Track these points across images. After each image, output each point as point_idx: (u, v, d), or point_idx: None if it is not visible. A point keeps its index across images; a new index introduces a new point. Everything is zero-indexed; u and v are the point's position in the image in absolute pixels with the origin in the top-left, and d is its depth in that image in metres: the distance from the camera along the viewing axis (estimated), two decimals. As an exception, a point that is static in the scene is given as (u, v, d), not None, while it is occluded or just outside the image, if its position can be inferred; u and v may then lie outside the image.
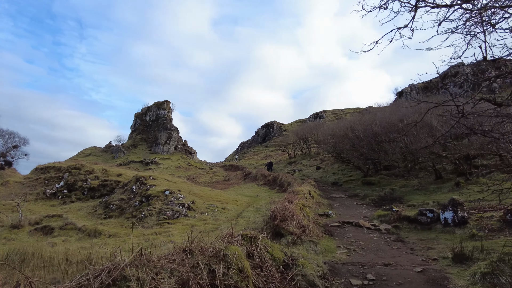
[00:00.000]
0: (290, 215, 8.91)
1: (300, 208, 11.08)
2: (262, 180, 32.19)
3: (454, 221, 8.65)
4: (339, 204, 16.21)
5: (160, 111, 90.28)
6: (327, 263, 5.85)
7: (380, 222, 11.17)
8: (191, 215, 14.32)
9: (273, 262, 5.07)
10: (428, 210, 9.87)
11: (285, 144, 52.91)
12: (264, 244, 5.27)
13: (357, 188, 21.16)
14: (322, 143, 34.02)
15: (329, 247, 8.12)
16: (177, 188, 16.65)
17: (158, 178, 18.42)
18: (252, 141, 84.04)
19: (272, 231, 8.47)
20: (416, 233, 9.35)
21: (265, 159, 56.15)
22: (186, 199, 15.34)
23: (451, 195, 13.38)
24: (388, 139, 21.53)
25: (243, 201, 18.20)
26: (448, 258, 5.60)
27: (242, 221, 13.20)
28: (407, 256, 7.17)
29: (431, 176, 19.33)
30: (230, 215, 14.58)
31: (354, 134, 25.84)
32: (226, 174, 45.94)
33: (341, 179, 25.89)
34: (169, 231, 12.48)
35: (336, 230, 10.19)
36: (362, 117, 31.62)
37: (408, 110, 26.15)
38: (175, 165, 69.59)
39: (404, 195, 16.99)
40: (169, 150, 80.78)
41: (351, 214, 13.50)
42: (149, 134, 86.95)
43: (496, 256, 4.84)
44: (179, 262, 3.44)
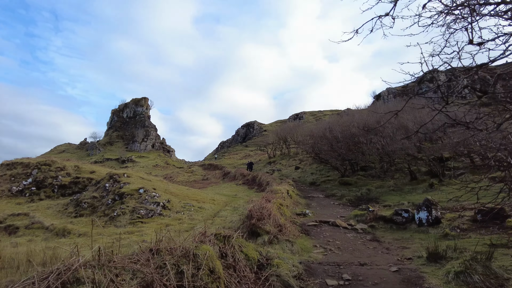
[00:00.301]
0: (267, 214, 8.75)
1: (278, 207, 10.95)
2: (241, 179, 31.97)
3: (428, 221, 8.76)
4: (317, 204, 16.23)
5: (138, 108, 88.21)
6: (303, 262, 5.71)
7: (357, 221, 11.22)
8: (166, 214, 13.91)
9: (247, 262, 4.87)
10: (403, 210, 9.97)
11: (265, 144, 52.92)
12: (239, 244, 5.06)
13: (335, 188, 21.33)
14: (301, 144, 34.21)
15: (306, 247, 8.02)
16: (152, 187, 16.15)
17: (132, 176, 17.82)
18: (232, 141, 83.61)
19: (249, 230, 8.27)
20: (391, 233, 9.42)
21: (244, 159, 55.93)
22: (161, 198, 14.89)
23: (425, 195, 13.67)
24: (365, 140, 21.86)
25: (220, 200, 17.91)
26: (423, 257, 5.60)
27: (218, 221, 12.93)
28: (383, 255, 7.16)
29: (406, 177, 19.75)
30: (206, 214, 14.27)
31: (332, 135, 26.09)
32: (204, 173, 45.38)
33: (319, 179, 26.06)
34: (143, 231, 12.04)
35: (313, 230, 10.12)
36: (340, 119, 32.03)
37: (385, 111, 26.67)
38: (152, 163, 68.20)
39: (380, 195, 17.24)
40: (146, 148, 79.03)
41: (328, 213, 13.52)
42: (126, 131, 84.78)
43: (468, 255, 4.85)
44: (144, 263, 3.18)
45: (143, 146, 79.27)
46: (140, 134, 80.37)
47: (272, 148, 49.45)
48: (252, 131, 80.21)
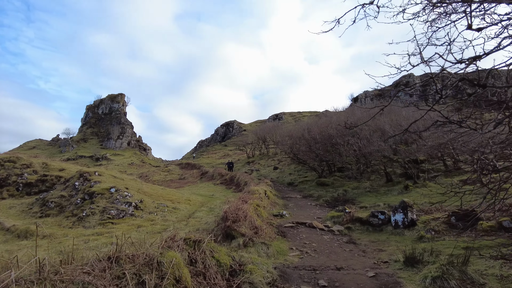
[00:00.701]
0: (243, 216, 8.48)
1: (255, 209, 10.70)
2: (219, 179, 31.54)
3: (404, 223, 8.77)
4: (294, 205, 16.12)
5: (114, 104, 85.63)
6: (277, 268, 5.47)
7: (333, 223, 11.15)
8: (138, 214, 13.34)
9: (219, 268, 4.57)
10: (379, 212, 9.97)
11: (244, 143, 52.64)
12: (210, 249, 4.75)
13: (312, 188, 21.35)
14: (280, 144, 34.17)
15: (282, 249, 7.81)
16: (125, 186, 15.48)
17: (104, 174, 17.04)
18: (211, 140, 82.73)
19: (223, 233, 7.97)
20: (368, 235, 9.37)
21: (223, 158, 55.39)
22: (134, 198, 14.29)
23: (401, 197, 13.84)
24: (343, 141, 22.01)
25: (196, 200, 17.46)
26: (400, 262, 5.50)
27: (193, 222, 12.53)
28: (359, 258, 7.05)
29: (382, 179, 20.02)
30: (181, 215, 13.82)
31: (311, 135, 26.16)
32: (181, 172, 44.53)
33: (297, 180, 26.06)
34: (113, 232, 11.45)
35: (289, 231, 9.94)
36: (318, 120, 32.24)
37: (363, 114, 27.06)
38: (128, 161, 66.37)
39: (356, 196, 17.36)
40: (121, 146, 76.80)
41: (305, 214, 13.41)
42: (101, 128, 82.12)
43: (445, 259, 4.77)
44: (98, 274, 2.82)
45: (119, 143, 77.00)
46: (115, 131, 77.98)
47: (251, 148, 49.25)
48: (232, 131, 79.69)
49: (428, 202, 10.98)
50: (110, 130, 78.08)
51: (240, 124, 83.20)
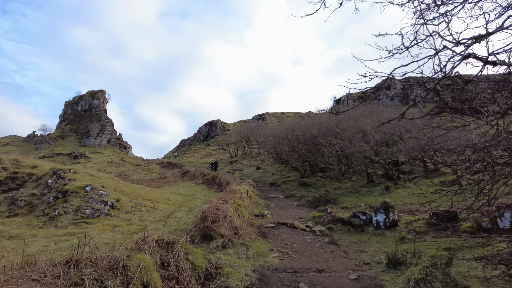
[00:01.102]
0: (222, 216, 8.18)
1: (235, 209, 10.43)
2: (201, 178, 31.03)
3: (386, 223, 8.71)
4: (276, 205, 15.94)
5: (94, 100, 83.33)
6: (256, 270, 5.22)
7: (315, 223, 11.02)
8: (114, 214, 12.80)
9: (193, 271, 4.27)
10: (361, 213, 9.89)
11: (227, 143, 52.22)
12: (185, 251, 4.44)
13: (294, 189, 21.25)
14: (263, 144, 33.99)
15: (262, 251, 7.57)
16: (101, 184, 14.86)
17: (79, 172, 16.32)
18: (194, 139, 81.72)
19: (201, 234, 7.66)
20: (349, 235, 9.27)
21: (206, 158, 54.77)
22: (110, 197, 13.71)
23: (382, 198, 13.89)
24: (325, 142, 22.03)
25: (176, 200, 16.99)
26: (382, 263, 5.36)
27: (172, 222, 12.12)
28: (341, 260, 6.90)
29: (363, 179, 20.14)
30: (159, 215, 13.37)
31: (294, 136, 26.11)
32: (162, 171, 43.67)
33: (279, 180, 25.94)
34: (86, 232, 10.88)
35: (270, 232, 9.72)
36: (302, 120, 32.25)
37: (345, 115, 27.23)
38: (107, 159, 64.69)
39: (338, 197, 17.36)
40: (101, 144, 74.80)
41: (286, 214, 13.24)
42: (80, 125, 79.72)
43: (428, 261, 4.65)
44: (51, 281, 2.48)
45: (98, 141, 74.95)
46: (95, 128, 75.84)
47: (234, 147, 48.89)
48: (215, 130, 79.00)
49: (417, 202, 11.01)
50: (90, 127, 75.92)
51: (224, 124, 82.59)
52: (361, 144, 19.60)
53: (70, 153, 65.30)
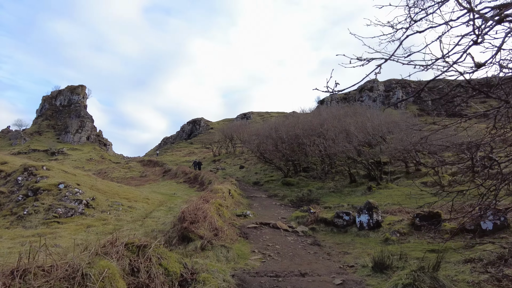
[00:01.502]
0: (202, 216, 7.83)
1: (217, 208, 10.08)
2: (183, 177, 30.43)
3: (369, 224, 8.57)
4: (259, 204, 15.67)
5: (73, 96, 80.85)
6: (236, 275, 4.91)
7: (298, 223, 10.81)
8: (89, 213, 12.19)
9: (167, 278, 3.92)
10: (344, 213, 9.74)
11: (210, 142, 51.56)
12: (158, 255, 4.08)
13: (277, 188, 21.05)
14: (247, 143, 33.67)
15: (243, 253, 7.26)
16: (76, 182, 14.16)
17: (53, 169, 15.53)
18: (177, 137, 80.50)
19: (179, 235, 7.28)
20: (332, 236, 9.09)
21: (188, 156, 53.98)
22: (85, 195, 13.07)
23: (364, 198, 13.84)
24: (309, 141, 21.95)
25: (155, 199, 16.45)
26: (368, 267, 5.16)
27: (150, 222, 11.65)
28: (324, 262, 6.68)
29: (346, 179, 20.15)
30: (137, 214, 12.85)
31: (278, 135, 25.92)
32: (143, 169, 42.69)
33: (262, 179, 25.70)
34: (57, 233, 10.30)
35: (252, 232, 9.43)
36: (286, 120, 32.14)
37: (328, 115, 27.28)
38: (86, 157, 62.94)
39: (321, 196, 17.26)
40: (80, 140, 72.63)
41: (269, 214, 12.99)
42: (58, 121, 77.18)
43: (415, 265, 4.46)
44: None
45: (77, 137, 72.72)
46: (74, 124, 73.50)
47: (217, 146, 48.34)
48: (198, 128, 78.07)
49: (398, 203, 10.98)
50: (68, 123, 73.54)
51: (208, 122, 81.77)
52: (344, 144, 19.59)
53: (47, 150, 63.09)
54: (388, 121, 22.92)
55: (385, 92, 58.41)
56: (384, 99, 57.41)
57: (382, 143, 19.83)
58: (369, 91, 59.72)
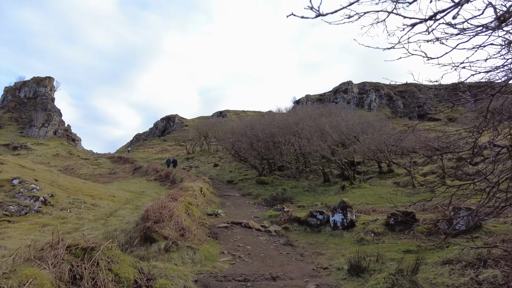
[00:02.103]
0: (168, 215, 7.27)
1: (186, 207, 9.52)
2: (154, 175, 29.40)
3: (343, 224, 8.33)
4: (232, 203, 15.22)
5: (40, 88, 76.71)
6: (200, 280, 4.44)
7: (271, 223, 10.45)
8: (46, 211, 11.24)
9: (117, 285, 3.40)
10: (318, 212, 9.48)
11: (184, 139, 50.37)
12: (108, 258, 3.54)
13: (251, 187, 20.68)
14: (222, 141, 33.06)
15: (211, 254, 6.78)
16: (34, 177, 13.07)
17: (8, 163, 14.28)
18: (150, 134, 78.26)
19: (142, 235, 6.69)
20: (305, 236, 8.79)
21: (161, 153, 52.52)
22: (43, 191, 12.06)
23: (337, 197, 13.73)
24: (284, 140, 21.73)
25: (122, 197, 15.57)
26: (344, 270, 4.84)
27: (114, 221, 10.88)
28: (297, 263, 6.33)
29: (320, 178, 20.09)
30: (100, 213, 12.01)
31: (253, 133, 25.56)
32: (113, 166, 41.03)
33: (237, 178, 25.24)
34: (6, 233, 9.33)
35: (223, 232, 8.96)
36: (262, 118, 31.84)
37: (304, 114, 27.26)
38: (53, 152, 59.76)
39: (295, 195, 17.05)
40: (46, 135, 68.91)
41: (242, 213, 12.57)
42: (22, 114, 72.92)
43: (393, 267, 4.18)
44: None
45: (43, 132, 68.92)
46: (40, 118, 69.56)
47: (191, 143, 47.29)
48: (172, 125, 76.28)
49: (372, 202, 10.86)
50: (34, 117, 69.54)
51: (182, 119, 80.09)
52: (319, 143, 19.53)
53: (9, 144, 59.34)
54: (362, 121, 23.16)
55: (359, 95, 59.55)
56: (358, 101, 58.52)
57: (355, 143, 19.94)
58: (343, 93, 60.74)
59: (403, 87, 59.34)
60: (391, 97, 56.66)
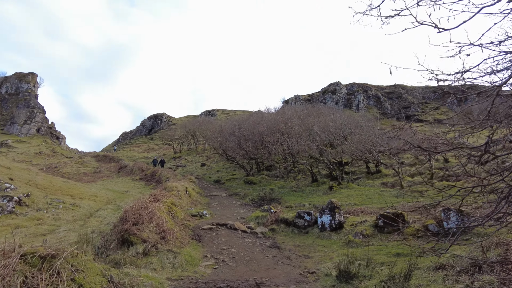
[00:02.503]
0: (148, 217, 6.88)
1: (169, 208, 9.13)
2: (139, 174, 28.74)
3: (331, 225, 8.09)
4: (218, 203, 14.85)
5: (22, 84, 74.55)
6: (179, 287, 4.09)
7: (257, 224, 10.15)
8: (21, 212, 10.66)
9: (80, 298, 3.02)
10: (306, 213, 9.22)
11: (171, 138, 49.55)
12: (72, 267, 3.17)
13: (239, 187, 20.34)
14: (210, 140, 32.58)
15: (193, 258, 6.43)
16: (8, 176, 12.43)
17: (-18, 161, 13.59)
18: (136, 132, 76.94)
19: (119, 238, 6.29)
20: (292, 238, 8.52)
21: (147, 152, 51.63)
22: (18, 191, 11.45)
23: (325, 197, 13.52)
24: (272, 139, 21.47)
25: (104, 197, 15.02)
26: (332, 276, 4.57)
27: (93, 222, 10.39)
28: (283, 267, 6.05)
29: (308, 178, 19.90)
30: (80, 213, 11.49)
31: (241, 132, 25.22)
32: (97, 165, 40.05)
33: (224, 177, 24.85)
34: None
35: (207, 234, 8.61)
36: (250, 117, 31.52)
37: (293, 114, 27.07)
38: (35, 150, 58.05)
39: (283, 195, 16.80)
40: (29, 132, 66.90)
41: (228, 214, 12.23)
42: (3, 110, 70.64)
43: (384, 274, 3.92)
44: None
45: (25, 129, 66.88)
46: (22, 115, 67.51)
47: (179, 143, 46.57)
48: (160, 124, 75.18)
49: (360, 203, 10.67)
50: (15, 113, 67.43)
51: (170, 118, 79.02)
52: (307, 143, 19.33)
53: (-12, 141, 57.45)
54: (350, 121, 23.10)
55: (347, 95, 59.86)
56: (346, 102, 58.82)
57: (344, 143, 19.82)
58: (332, 94, 60.97)
59: (391, 88, 59.99)
60: (379, 98, 57.17)
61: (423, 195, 11.40)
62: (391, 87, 59.94)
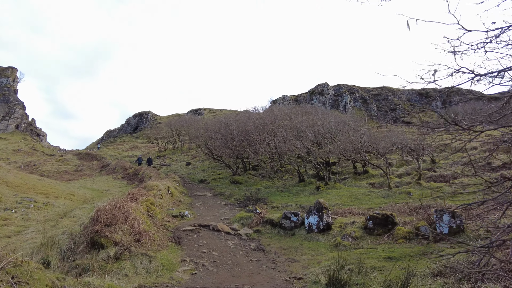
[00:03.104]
0: (122, 218, 6.33)
1: (147, 208, 8.58)
2: (121, 173, 27.88)
3: (319, 227, 7.71)
4: (202, 203, 14.33)
5: (0, 78, 71.93)
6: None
7: (242, 225, 9.70)
8: (-13, 212, 9.91)
9: (22, 316, 2.51)
10: (292, 214, 8.83)
11: (156, 136, 48.49)
12: (13, 279, 2.64)
13: (224, 186, 19.84)
14: (195, 139, 31.89)
15: (170, 262, 5.92)
16: (-25, 173, 11.61)
17: None
18: (121, 130, 75.28)
19: (88, 240, 5.73)
20: (278, 240, 8.11)
21: (131, 151, 50.46)
22: (-15, 189, 10.68)
23: (312, 198, 13.18)
24: (259, 138, 21.04)
25: (82, 196, 14.28)
26: (321, 284, 4.16)
27: (66, 222, 9.74)
28: (268, 272, 5.62)
29: (294, 178, 19.57)
30: (53, 213, 10.79)
31: (228, 131, 24.71)
32: (79, 163, 38.80)
33: (209, 177, 24.29)
34: None
35: (187, 236, 8.10)
36: (237, 116, 31.03)
37: (280, 113, 26.75)
38: (14, 147, 56.02)
39: (269, 195, 16.40)
40: (7, 129, 64.58)
41: (211, 215, 11.73)
42: (-20, 106, 68.02)
43: (379, 282, 3.53)
44: None
45: (3, 125, 64.53)
46: (0, 110, 65.14)
47: (163, 141, 45.60)
48: (145, 122, 73.77)
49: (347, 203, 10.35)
50: (-7, 109, 65.05)
51: (156, 116, 77.64)
52: (294, 143, 19.01)
53: (-38, 138, 55.15)
54: (338, 121, 22.92)
55: (334, 96, 60.09)
56: (334, 103, 59.02)
57: (331, 143, 19.59)
58: (319, 95, 61.09)
59: (377, 90, 60.52)
60: (365, 99, 57.57)
61: (411, 196, 11.19)
62: (378, 89, 60.49)
